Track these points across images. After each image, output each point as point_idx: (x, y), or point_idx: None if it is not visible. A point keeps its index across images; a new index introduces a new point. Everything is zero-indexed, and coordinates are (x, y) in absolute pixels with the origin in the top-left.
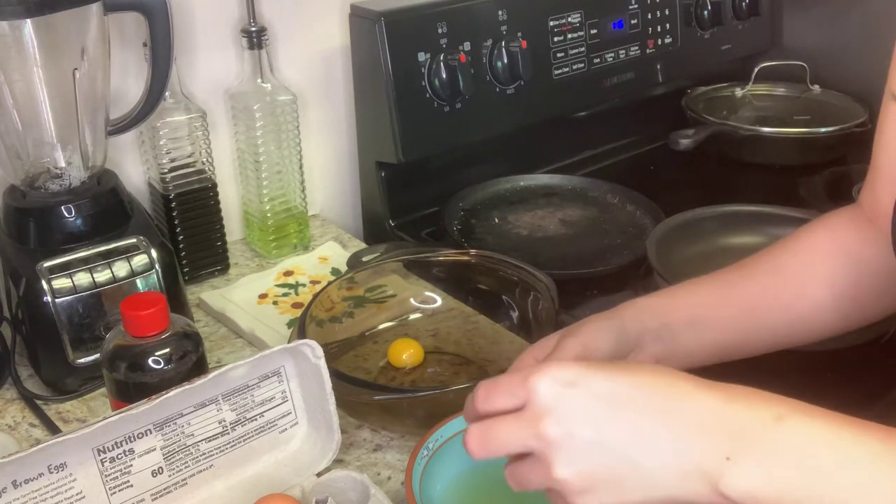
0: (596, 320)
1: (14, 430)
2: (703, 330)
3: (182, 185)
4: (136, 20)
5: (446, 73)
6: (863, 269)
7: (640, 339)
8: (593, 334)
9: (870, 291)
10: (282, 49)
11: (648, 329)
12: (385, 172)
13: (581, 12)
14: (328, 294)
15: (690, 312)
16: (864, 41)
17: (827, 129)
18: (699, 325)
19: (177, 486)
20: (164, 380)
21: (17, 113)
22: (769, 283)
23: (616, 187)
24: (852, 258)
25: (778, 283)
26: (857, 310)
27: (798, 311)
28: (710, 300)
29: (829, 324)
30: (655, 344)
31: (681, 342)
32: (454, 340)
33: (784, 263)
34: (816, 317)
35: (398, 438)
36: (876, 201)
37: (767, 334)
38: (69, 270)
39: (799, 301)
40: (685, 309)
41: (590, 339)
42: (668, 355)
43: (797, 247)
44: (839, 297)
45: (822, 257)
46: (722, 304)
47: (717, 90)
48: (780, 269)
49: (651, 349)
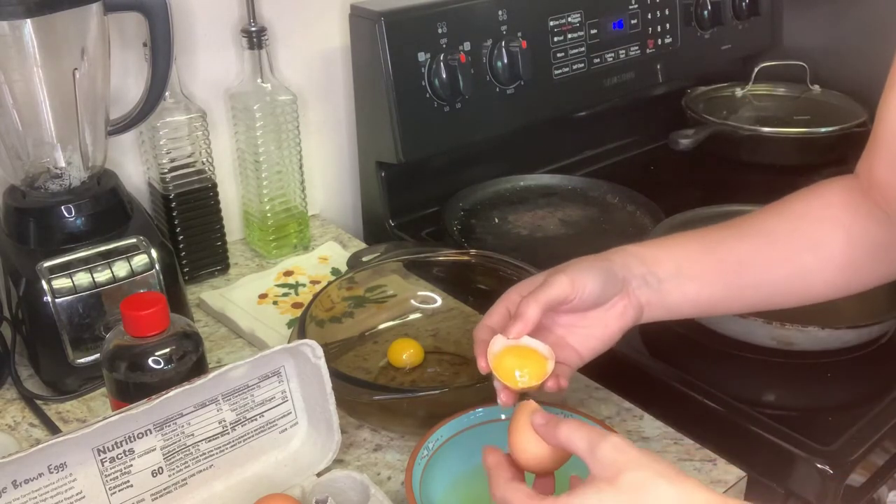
0: (585, 260)
1: (14, 430)
2: (688, 282)
3: (182, 185)
4: (136, 20)
5: (446, 73)
6: (853, 238)
7: (627, 283)
8: (581, 273)
9: (859, 261)
10: (282, 49)
11: (635, 275)
12: (385, 172)
13: (581, 12)
14: (328, 294)
15: (677, 264)
16: (864, 41)
17: (827, 129)
18: (684, 276)
19: (177, 486)
20: (164, 380)
21: (17, 113)
22: (757, 243)
23: (616, 187)
24: (842, 227)
25: (766, 243)
26: (845, 279)
27: (784, 274)
28: (697, 254)
29: (814, 289)
30: (642, 289)
31: (666, 291)
32: (454, 340)
33: (774, 227)
34: (803, 282)
35: (398, 438)
36: (871, 172)
37: (751, 293)
38: (69, 270)
39: (785, 264)
40: (672, 259)
41: (577, 276)
42: (654, 302)
43: (787, 211)
44: (825, 263)
45: (810, 223)
46: (708, 259)
47: (717, 90)
48: (769, 232)
49: (638, 294)
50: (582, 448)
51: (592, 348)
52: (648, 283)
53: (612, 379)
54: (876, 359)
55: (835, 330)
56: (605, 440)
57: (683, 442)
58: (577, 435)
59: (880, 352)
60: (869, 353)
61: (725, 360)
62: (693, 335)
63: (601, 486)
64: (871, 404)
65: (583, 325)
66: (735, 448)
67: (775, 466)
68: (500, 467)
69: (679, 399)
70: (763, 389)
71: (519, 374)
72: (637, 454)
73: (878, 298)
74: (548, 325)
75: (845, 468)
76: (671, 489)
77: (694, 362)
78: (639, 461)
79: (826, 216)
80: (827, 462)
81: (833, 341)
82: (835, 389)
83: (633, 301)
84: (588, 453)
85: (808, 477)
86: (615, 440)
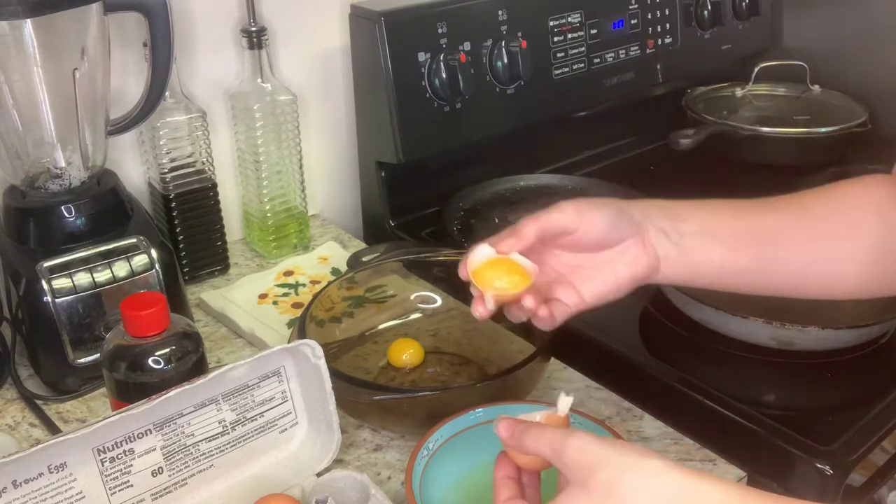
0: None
1: (14, 430)
2: (714, 243)
3: (182, 185)
4: (136, 20)
5: (446, 73)
6: (892, 230)
7: (643, 230)
8: (591, 206)
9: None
10: (282, 49)
11: (654, 222)
12: (385, 172)
13: (581, 12)
14: (328, 294)
15: (703, 222)
16: (864, 41)
17: (827, 129)
18: (710, 235)
19: (177, 486)
20: (164, 380)
21: (17, 113)
22: (794, 218)
23: (616, 187)
24: (883, 218)
25: (803, 220)
26: (877, 274)
27: (817, 255)
28: (727, 218)
29: (844, 280)
30: (660, 240)
31: (688, 248)
32: (454, 340)
33: (811, 205)
34: (835, 269)
35: (398, 438)
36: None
37: (780, 269)
38: (69, 270)
39: (821, 243)
40: (698, 218)
41: (585, 208)
42: (672, 258)
43: (827, 194)
44: (861, 252)
45: (851, 208)
46: (739, 225)
47: (717, 90)
48: (806, 208)
49: (655, 244)
50: (549, 455)
51: (597, 293)
52: (669, 236)
53: (612, 379)
54: (876, 359)
55: (835, 330)
56: (567, 444)
57: (683, 442)
58: (541, 443)
59: (880, 352)
60: (869, 353)
61: (725, 360)
62: (693, 335)
63: (575, 491)
64: (871, 404)
65: (589, 267)
66: (735, 448)
67: (775, 466)
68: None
69: (679, 399)
70: (763, 389)
71: (497, 284)
72: (599, 450)
73: (878, 299)
74: (550, 262)
75: (845, 468)
76: (640, 480)
77: (694, 362)
78: (603, 458)
79: (868, 204)
80: (827, 462)
81: (833, 341)
82: (835, 389)
83: (648, 250)
84: (556, 460)
85: (808, 477)
86: (575, 442)
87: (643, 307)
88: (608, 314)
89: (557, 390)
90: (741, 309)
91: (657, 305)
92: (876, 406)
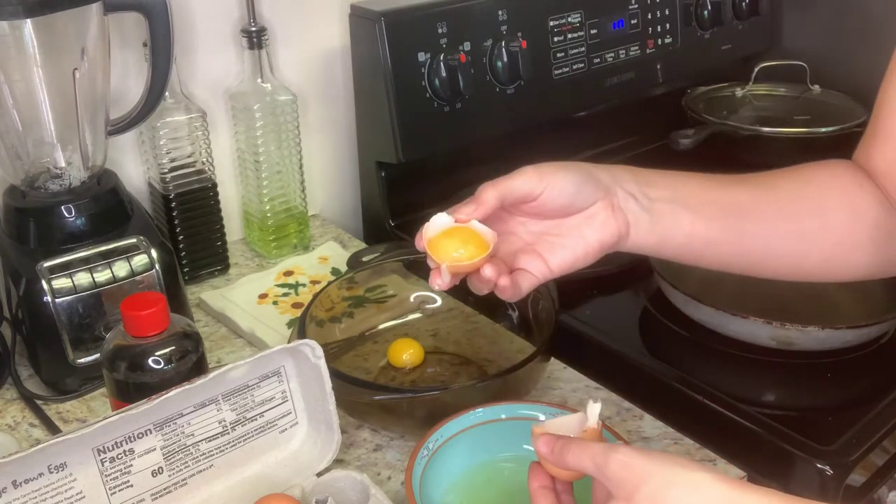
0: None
1: (14, 430)
2: (684, 209)
3: (182, 185)
4: (136, 20)
5: (446, 73)
6: (857, 213)
7: (611, 193)
8: (554, 169)
9: (859, 239)
10: (282, 49)
11: (623, 186)
12: (385, 172)
13: (581, 12)
14: (328, 294)
15: (674, 189)
16: (864, 41)
17: (827, 129)
18: (680, 202)
19: (177, 486)
20: (164, 380)
21: (17, 113)
22: (761, 194)
23: None
24: (847, 199)
25: (770, 197)
26: (843, 254)
27: (784, 232)
28: (696, 188)
29: (811, 258)
30: (629, 203)
31: (658, 212)
32: (454, 340)
33: (779, 184)
34: (801, 245)
35: (398, 438)
36: (869, 160)
37: (749, 241)
38: (69, 270)
39: (787, 221)
40: (668, 185)
41: (548, 171)
42: (642, 223)
43: (794, 174)
44: (827, 231)
45: (817, 189)
46: (708, 195)
47: (717, 90)
48: (773, 187)
49: (624, 208)
50: (591, 471)
51: (564, 261)
52: (638, 200)
53: (612, 379)
54: (876, 359)
55: (835, 330)
56: (611, 459)
57: (683, 442)
58: (583, 459)
59: (880, 352)
60: (869, 353)
61: (725, 360)
62: (693, 335)
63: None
64: (871, 404)
65: (556, 234)
66: (735, 448)
67: (775, 466)
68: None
69: (679, 399)
70: (763, 389)
71: (454, 254)
72: (644, 464)
73: (878, 298)
74: (515, 230)
75: (845, 468)
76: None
77: (694, 362)
78: (647, 472)
79: (833, 186)
80: (827, 462)
81: (833, 341)
82: (835, 389)
83: (617, 214)
84: (599, 475)
85: (808, 477)
86: (619, 457)
87: (643, 307)
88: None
89: (558, 390)
90: (741, 309)
91: (657, 305)
92: (876, 406)
